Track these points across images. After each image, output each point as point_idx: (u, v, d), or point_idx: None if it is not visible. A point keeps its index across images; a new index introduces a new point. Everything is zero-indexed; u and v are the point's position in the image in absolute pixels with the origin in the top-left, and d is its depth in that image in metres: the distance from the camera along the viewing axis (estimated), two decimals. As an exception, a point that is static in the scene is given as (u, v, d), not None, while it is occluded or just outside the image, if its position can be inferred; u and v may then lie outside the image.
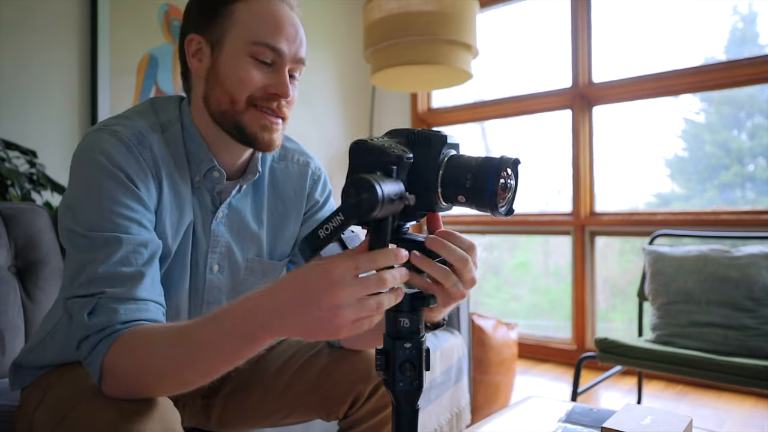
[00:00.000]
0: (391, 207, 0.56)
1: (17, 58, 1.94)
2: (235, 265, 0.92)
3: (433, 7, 2.16)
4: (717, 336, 1.79)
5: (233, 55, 0.83)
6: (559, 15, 3.00)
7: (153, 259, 0.76)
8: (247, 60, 0.83)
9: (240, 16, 0.83)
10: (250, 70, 0.83)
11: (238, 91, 0.83)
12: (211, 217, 0.89)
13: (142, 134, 0.81)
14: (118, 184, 0.75)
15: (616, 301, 3.08)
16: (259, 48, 0.82)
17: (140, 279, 0.73)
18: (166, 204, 0.82)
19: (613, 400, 2.38)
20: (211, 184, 0.88)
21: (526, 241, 3.40)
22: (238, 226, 0.92)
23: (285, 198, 0.99)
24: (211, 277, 0.90)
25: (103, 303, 0.70)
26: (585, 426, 0.99)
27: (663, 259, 2.00)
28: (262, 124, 0.84)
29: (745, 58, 2.49)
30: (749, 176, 2.75)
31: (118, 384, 0.68)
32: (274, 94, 0.84)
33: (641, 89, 2.75)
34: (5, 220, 1.30)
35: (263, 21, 0.83)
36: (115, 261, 0.72)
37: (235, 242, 0.92)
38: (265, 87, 0.84)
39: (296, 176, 1.00)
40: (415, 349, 0.60)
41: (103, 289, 0.70)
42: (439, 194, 0.62)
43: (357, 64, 3.28)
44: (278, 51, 0.83)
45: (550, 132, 3.16)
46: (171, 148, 0.85)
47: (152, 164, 0.80)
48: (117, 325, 0.69)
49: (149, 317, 0.72)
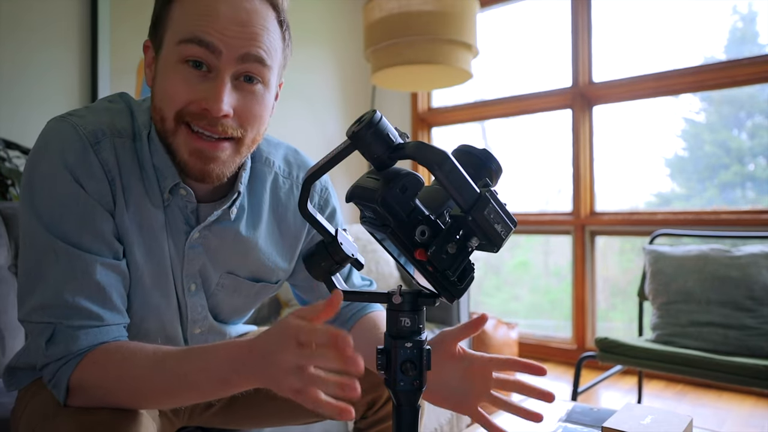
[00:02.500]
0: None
1: (17, 58, 1.94)
2: (206, 281, 0.84)
3: (434, 6, 2.16)
4: (717, 335, 1.79)
5: (164, 61, 0.69)
6: (559, 15, 3.00)
7: (113, 280, 0.70)
8: (176, 66, 0.68)
9: (175, 11, 0.69)
10: (176, 79, 0.68)
11: (165, 105, 0.69)
12: (185, 238, 0.78)
13: (98, 136, 0.71)
14: (79, 195, 0.68)
15: (616, 301, 3.08)
16: (186, 46, 0.66)
17: (100, 307, 0.68)
18: (120, 212, 0.72)
19: (614, 399, 2.38)
20: (182, 202, 0.76)
21: (527, 240, 3.40)
22: (218, 245, 0.81)
23: (285, 224, 0.88)
24: (191, 297, 0.82)
25: (62, 330, 0.66)
26: (585, 425, 0.99)
27: (663, 258, 2.00)
28: (191, 149, 0.69)
29: (745, 57, 2.48)
30: (749, 176, 2.75)
31: (86, 397, 0.66)
32: (202, 109, 0.68)
33: (641, 89, 2.75)
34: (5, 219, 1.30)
35: (194, 12, 0.67)
36: (74, 288, 0.67)
37: (211, 261, 0.82)
38: (196, 100, 0.68)
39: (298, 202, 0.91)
40: (416, 349, 0.60)
41: (60, 320, 0.66)
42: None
43: (357, 64, 3.28)
44: (210, 47, 0.66)
45: (550, 132, 3.16)
46: (138, 157, 0.74)
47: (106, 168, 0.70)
48: (75, 353, 0.66)
49: (111, 337, 0.68)
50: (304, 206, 0.60)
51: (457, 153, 0.60)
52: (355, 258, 0.62)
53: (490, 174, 0.60)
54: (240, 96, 0.70)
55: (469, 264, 0.57)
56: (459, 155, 0.59)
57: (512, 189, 3.33)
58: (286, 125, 2.82)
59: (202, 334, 0.88)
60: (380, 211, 0.55)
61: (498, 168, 0.60)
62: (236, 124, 0.71)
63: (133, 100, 0.81)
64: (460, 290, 0.57)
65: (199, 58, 0.67)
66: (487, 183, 0.56)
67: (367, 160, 0.57)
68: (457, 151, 0.61)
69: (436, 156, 0.52)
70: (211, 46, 0.66)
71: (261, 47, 0.69)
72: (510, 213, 0.54)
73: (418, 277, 0.60)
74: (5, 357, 1.22)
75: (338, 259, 0.61)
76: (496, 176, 0.60)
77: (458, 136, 3.49)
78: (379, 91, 3.30)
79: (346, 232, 0.63)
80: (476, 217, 0.52)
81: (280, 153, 0.89)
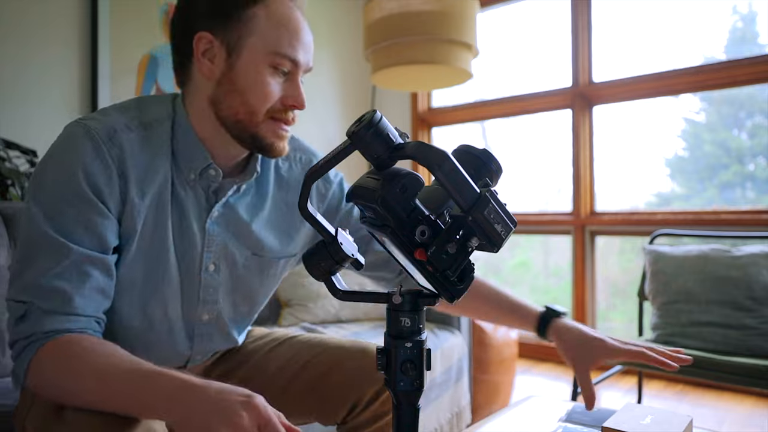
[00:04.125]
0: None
1: (17, 58, 1.94)
2: (232, 263, 0.91)
3: (434, 6, 2.16)
4: (717, 335, 1.79)
5: (253, 64, 0.81)
6: (559, 15, 3.00)
7: (96, 273, 0.75)
8: (267, 70, 0.82)
9: (260, 22, 0.81)
10: (270, 82, 0.82)
11: (260, 103, 0.82)
12: (206, 215, 0.87)
13: (114, 130, 0.79)
14: (82, 193, 0.75)
15: (616, 301, 3.08)
16: (279, 59, 0.82)
17: (74, 294, 0.73)
18: (134, 202, 0.80)
19: (614, 399, 2.38)
20: (207, 183, 0.87)
21: (526, 240, 3.40)
22: (236, 225, 0.91)
23: (289, 199, 0.98)
24: (207, 277, 0.89)
25: (32, 311, 0.71)
26: (585, 425, 0.99)
27: (663, 258, 2.00)
28: (278, 134, 0.85)
29: (745, 57, 2.48)
30: (749, 176, 2.75)
31: (42, 387, 0.71)
32: (291, 105, 0.84)
33: (641, 89, 2.75)
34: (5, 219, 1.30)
35: (284, 30, 0.81)
36: (54, 273, 0.72)
37: (232, 241, 0.91)
38: (282, 98, 0.84)
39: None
40: (416, 349, 0.60)
41: (33, 299, 0.72)
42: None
43: (357, 64, 3.28)
44: (296, 62, 0.83)
45: (551, 132, 3.16)
46: (154, 146, 0.82)
47: (119, 163, 0.78)
48: (40, 334, 0.71)
49: (77, 327, 0.73)
50: (304, 206, 0.60)
51: (457, 153, 0.60)
52: (355, 258, 0.62)
53: (490, 174, 0.60)
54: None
55: (469, 264, 0.57)
56: (459, 155, 0.59)
57: (512, 189, 3.33)
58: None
59: (210, 323, 0.93)
60: (380, 211, 0.55)
61: (498, 168, 0.60)
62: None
63: (145, 97, 0.89)
64: (460, 290, 0.57)
65: (286, 68, 0.84)
66: (487, 183, 0.56)
67: (367, 160, 0.57)
68: (457, 151, 0.61)
69: (436, 156, 0.52)
70: (297, 62, 0.83)
71: (312, 59, 0.88)
72: (510, 213, 0.54)
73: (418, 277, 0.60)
74: (5, 357, 1.22)
75: (338, 259, 0.61)
76: (496, 176, 0.60)
77: (458, 136, 3.49)
78: (379, 91, 3.30)
79: (346, 232, 0.63)
80: (476, 217, 0.52)
81: None
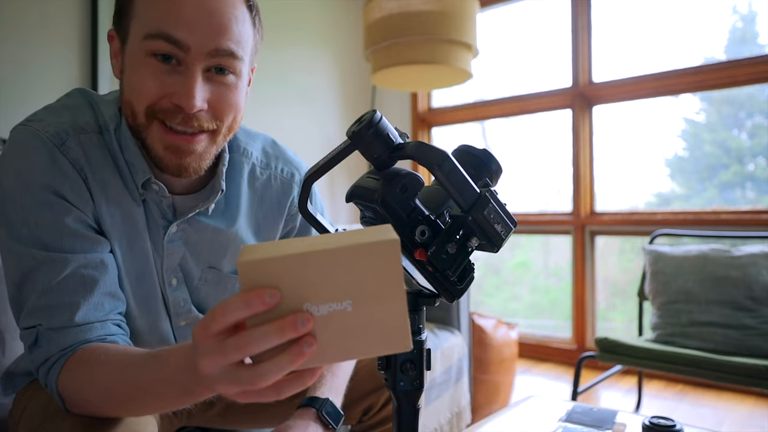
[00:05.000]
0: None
1: (17, 58, 1.94)
2: (188, 275, 0.82)
3: (433, 6, 2.16)
4: (717, 335, 1.79)
5: (131, 54, 0.67)
6: (559, 15, 3.00)
7: (98, 275, 0.68)
8: (144, 60, 0.66)
9: (138, 3, 0.66)
10: (144, 72, 0.66)
11: (135, 100, 0.67)
12: (163, 232, 0.77)
13: (64, 134, 0.69)
14: (53, 205, 0.67)
15: (616, 301, 3.09)
16: (152, 41, 0.64)
17: (81, 303, 0.66)
18: (101, 209, 0.71)
19: (614, 399, 2.38)
20: (156, 197, 0.75)
21: (527, 240, 3.40)
22: (198, 240, 0.80)
23: (265, 211, 0.86)
24: (172, 291, 0.81)
25: (43, 333, 0.66)
26: (585, 425, 0.99)
27: (663, 258, 2.00)
28: (166, 144, 0.68)
29: (745, 57, 2.48)
30: (749, 176, 2.75)
31: (74, 404, 0.65)
32: (176, 104, 0.66)
33: (641, 89, 2.75)
34: (5, 219, 1.30)
35: (159, 3, 0.65)
36: (55, 289, 0.66)
37: (192, 254, 0.81)
38: (167, 94, 0.66)
39: (278, 192, 0.87)
40: (416, 349, 0.60)
41: (41, 321, 0.66)
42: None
43: (357, 64, 3.28)
44: (178, 43, 0.64)
45: (550, 132, 3.16)
46: (110, 151, 0.73)
47: (77, 167, 0.69)
48: (58, 354, 0.65)
49: (94, 336, 0.67)
50: (304, 206, 0.60)
51: (457, 153, 0.60)
52: None
53: (490, 174, 0.60)
54: (212, 88, 0.69)
55: (469, 264, 0.57)
56: (459, 155, 0.59)
57: (512, 189, 3.33)
58: (286, 125, 2.82)
59: (188, 326, 0.85)
60: (380, 211, 0.55)
61: (498, 168, 0.60)
62: (210, 116, 0.69)
63: (94, 94, 0.78)
64: (460, 290, 0.57)
65: (167, 53, 0.65)
66: (487, 183, 0.56)
67: (367, 160, 0.57)
68: (457, 151, 0.61)
69: (436, 156, 0.52)
70: (178, 42, 0.64)
71: (231, 39, 0.67)
72: (510, 213, 0.54)
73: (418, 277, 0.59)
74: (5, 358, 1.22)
75: None
76: (496, 176, 0.60)
77: (458, 136, 3.49)
78: (379, 91, 3.30)
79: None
80: (476, 217, 0.52)
81: (257, 144, 0.87)
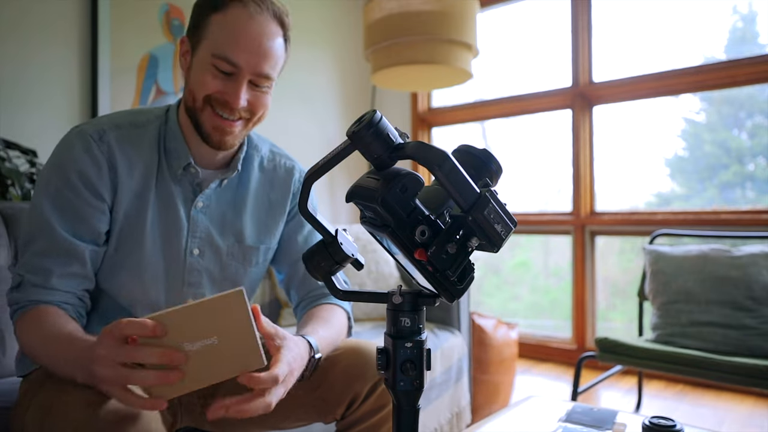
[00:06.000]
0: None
1: (17, 58, 1.94)
2: (216, 251, 1.03)
3: (434, 6, 2.16)
4: (717, 335, 1.79)
5: (200, 61, 0.95)
6: (559, 15, 3.00)
7: (75, 259, 0.90)
8: (208, 67, 0.93)
9: (212, 27, 0.93)
10: (207, 75, 0.93)
11: (197, 90, 0.95)
12: (191, 205, 1.00)
13: (103, 131, 0.95)
14: (74, 187, 0.91)
15: (616, 301, 3.09)
16: (218, 60, 0.92)
17: (55, 272, 0.89)
18: (125, 189, 0.95)
19: (614, 399, 2.38)
20: (191, 177, 1.00)
21: (527, 240, 3.40)
22: (219, 216, 1.03)
23: (272, 195, 1.10)
24: (192, 260, 1.00)
25: (24, 283, 0.89)
26: (585, 425, 0.99)
27: (663, 258, 2.00)
28: (214, 125, 0.96)
29: (745, 57, 2.49)
30: (749, 176, 2.75)
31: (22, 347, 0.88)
32: (224, 100, 0.94)
33: (641, 89, 2.75)
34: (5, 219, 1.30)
35: (227, 36, 0.92)
36: (43, 254, 0.89)
37: (215, 230, 1.02)
38: (221, 92, 0.94)
39: (282, 179, 1.11)
40: (416, 349, 0.60)
41: (26, 273, 0.89)
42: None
43: (357, 64, 3.28)
44: (235, 64, 0.92)
45: (550, 132, 3.16)
46: (141, 142, 0.98)
47: (107, 156, 0.94)
48: (25, 302, 0.87)
49: (55, 300, 0.88)
50: (304, 206, 0.60)
51: (457, 153, 0.60)
52: (355, 258, 0.62)
53: (490, 174, 0.60)
54: (252, 92, 0.97)
55: (469, 264, 0.57)
56: (459, 155, 0.60)
57: (512, 189, 3.33)
58: (286, 125, 2.82)
59: (193, 297, 1.01)
60: (380, 211, 0.55)
61: (498, 168, 0.60)
62: (247, 110, 0.97)
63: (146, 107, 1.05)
64: (460, 290, 0.57)
65: (227, 69, 0.93)
66: (487, 183, 0.56)
67: (367, 160, 0.57)
68: (457, 151, 0.61)
69: (436, 156, 0.52)
70: (235, 64, 0.92)
71: (269, 66, 0.95)
72: (510, 213, 0.54)
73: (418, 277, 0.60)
74: (5, 357, 1.22)
75: (338, 259, 0.61)
76: (496, 176, 0.60)
77: (458, 136, 3.49)
78: (379, 91, 3.30)
79: (346, 232, 0.63)
80: (476, 217, 0.52)
81: (266, 146, 1.14)
